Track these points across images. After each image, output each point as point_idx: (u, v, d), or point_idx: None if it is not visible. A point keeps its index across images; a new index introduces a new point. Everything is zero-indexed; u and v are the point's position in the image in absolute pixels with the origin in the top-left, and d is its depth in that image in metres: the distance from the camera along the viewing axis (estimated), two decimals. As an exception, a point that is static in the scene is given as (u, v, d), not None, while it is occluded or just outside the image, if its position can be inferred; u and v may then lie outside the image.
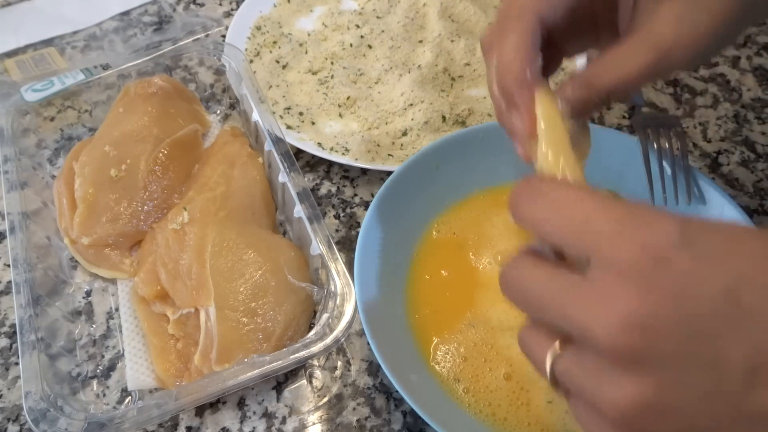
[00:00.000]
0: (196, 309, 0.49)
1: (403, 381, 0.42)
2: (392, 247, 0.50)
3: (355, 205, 0.60)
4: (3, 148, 0.57)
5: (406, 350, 0.46)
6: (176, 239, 0.51)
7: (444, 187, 0.53)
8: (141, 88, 0.62)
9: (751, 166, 0.62)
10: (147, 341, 0.51)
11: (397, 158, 0.61)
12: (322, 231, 0.50)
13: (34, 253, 0.52)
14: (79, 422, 0.42)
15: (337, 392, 0.49)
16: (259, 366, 0.44)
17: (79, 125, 0.66)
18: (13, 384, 0.50)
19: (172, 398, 0.43)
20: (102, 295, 0.54)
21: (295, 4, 0.76)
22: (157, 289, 0.51)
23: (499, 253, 0.51)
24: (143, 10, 0.78)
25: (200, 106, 0.65)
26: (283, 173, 0.54)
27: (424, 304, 0.49)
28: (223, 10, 0.78)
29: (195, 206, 0.53)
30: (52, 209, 0.57)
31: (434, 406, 0.42)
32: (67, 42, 0.75)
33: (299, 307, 0.49)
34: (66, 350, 0.50)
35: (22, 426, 0.48)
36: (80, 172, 0.56)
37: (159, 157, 0.57)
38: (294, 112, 0.66)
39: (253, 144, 0.61)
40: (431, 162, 0.52)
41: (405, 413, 0.48)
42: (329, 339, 0.45)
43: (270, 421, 0.48)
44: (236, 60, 0.62)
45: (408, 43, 0.71)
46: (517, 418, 0.44)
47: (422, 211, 0.52)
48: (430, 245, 0.52)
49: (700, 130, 0.65)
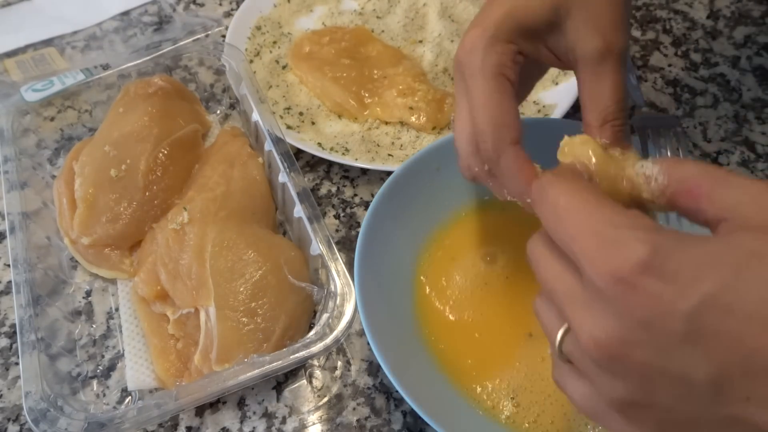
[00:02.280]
0: (196, 309, 0.49)
1: (403, 381, 0.42)
2: (392, 247, 0.50)
3: (355, 205, 0.60)
4: (3, 148, 0.57)
5: (407, 350, 0.46)
6: (176, 239, 0.51)
7: (444, 187, 0.53)
8: (141, 88, 0.62)
9: (751, 166, 0.62)
10: (147, 341, 0.51)
11: (397, 158, 0.61)
12: (322, 231, 0.50)
13: (34, 253, 0.52)
14: (79, 422, 0.42)
15: (337, 392, 0.49)
16: (259, 366, 0.44)
17: (79, 125, 0.66)
18: (13, 384, 0.50)
19: (172, 398, 0.43)
20: (102, 295, 0.54)
21: (295, 4, 0.76)
22: (157, 289, 0.51)
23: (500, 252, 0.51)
24: (143, 10, 0.78)
25: (200, 106, 0.65)
26: (283, 173, 0.54)
27: (425, 303, 0.49)
28: (223, 10, 0.78)
29: (195, 206, 0.53)
30: (52, 209, 0.57)
31: (434, 406, 0.42)
32: (67, 42, 0.75)
33: (299, 307, 0.49)
34: (66, 350, 0.50)
35: (22, 426, 0.48)
36: (80, 172, 0.56)
37: (159, 157, 0.57)
38: (294, 112, 0.66)
39: (253, 144, 0.61)
40: (431, 162, 0.52)
41: (405, 413, 0.48)
42: (329, 339, 0.45)
43: (270, 421, 0.48)
44: (236, 60, 0.62)
45: (408, 43, 0.71)
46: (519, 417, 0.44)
47: (422, 211, 0.52)
48: (430, 245, 0.52)
49: (700, 130, 0.65)
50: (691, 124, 0.66)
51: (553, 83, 0.66)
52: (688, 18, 0.75)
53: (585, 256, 0.29)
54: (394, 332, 0.46)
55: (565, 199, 0.31)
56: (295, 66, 0.69)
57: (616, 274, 0.27)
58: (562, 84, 0.66)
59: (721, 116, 0.66)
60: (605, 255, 0.28)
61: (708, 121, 0.66)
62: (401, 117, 0.64)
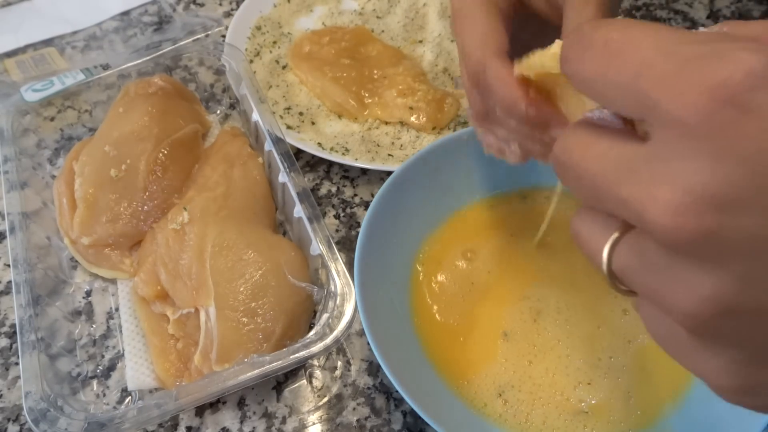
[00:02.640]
0: (196, 309, 0.49)
1: (403, 381, 0.42)
2: (392, 247, 0.50)
3: (355, 205, 0.60)
4: (3, 148, 0.57)
5: (407, 350, 0.46)
6: (176, 239, 0.51)
7: (444, 187, 0.53)
8: (141, 88, 0.62)
9: (751, 166, 0.62)
10: (147, 341, 0.51)
11: (397, 158, 0.61)
12: (322, 231, 0.50)
13: (34, 253, 0.52)
14: (79, 422, 0.42)
15: (337, 392, 0.49)
16: (259, 366, 0.44)
17: (79, 125, 0.65)
18: (13, 384, 0.50)
19: (172, 398, 0.43)
20: (102, 295, 0.54)
21: (295, 4, 0.76)
22: (157, 289, 0.51)
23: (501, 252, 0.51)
24: (143, 10, 0.78)
25: (200, 106, 0.65)
26: (283, 173, 0.54)
27: (425, 303, 0.49)
28: (223, 10, 0.78)
29: (195, 206, 0.53)
30: (52, 209, 0.57)
31: (434, 405, 0.42)
32: (67, 42, 0.75)
33: (299, 307, 0.49)
34: (66, 350, 0.50)
35: (22, 426, 0.48)
36: (80, 172, 0.56)
37: (159, 157, 0.57)
38: (294, 112, 0.66)
39: (253, 144, 0.61)
40: (432, 162, 0.52)
41: (405, 413, 0.48)
42: (329, 339, 0.45)
43: (270, 421, 0.48)
44: (236, 60, 0.62)
45: (408, 43, 0.71)
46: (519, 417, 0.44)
47: (422, 211, 0.52)
48: (430, 245, 0.52)
49: (700, 130, 0.65)
50: (691, 124, 0.66)
51: (553, 83, 0.66)
52: (689, 18, 0.75)
53: (663, 82, 0.20)
54: (394, 332, 0.46)
55: (619, 33, 0.22)
56: (295, 66, 0.69)
57: (717, 90, 0.18)
58: (562, 84, 0.66)
59: (721, 116, 0.66)
60: (698, 71, 0.19)
61: (708, 121, 0.66)
62: (401, 117, 0.64)
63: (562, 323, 0.47)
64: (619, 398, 0.44)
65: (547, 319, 0.48)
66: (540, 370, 0.46)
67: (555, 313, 0.48)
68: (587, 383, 0.45)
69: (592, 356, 0.46)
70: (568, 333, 0.47)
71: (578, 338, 0.47)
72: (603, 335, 0.47)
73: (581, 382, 0.45)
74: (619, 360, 0.46)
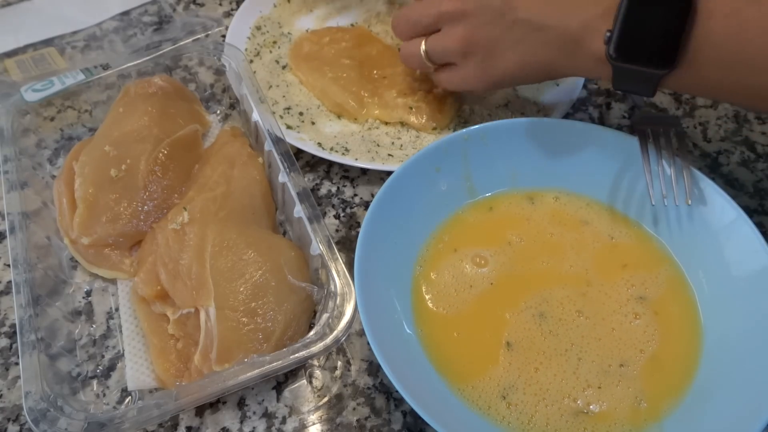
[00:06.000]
0: (196, 309, 0.49)
1: (403, 381, 0.42)
2: (392, 247, 0.50)
3: (355, 205, 0.60)
4: (3, 148, 0.57)
5: (407, 350, 0.46)
6: (176, 239, 0.51)
7: (445, 187, 0.53)
8: (141, 88, 0.62)
9: (751, 166, 0.62)
10: (147, 341, 0.51)
11: (397, 158, 0.61)
12: (322, 231, 0.50)
13: (34, 253, 0.52)
14: (79, 422, 0.42)
15: (337, 392, 0.49)
16: (259, 366, 0.44)
17: (79, 125, 0.66)
18: (13, 384, 0.50)
19: (172, 398, 0.43)
20: (102, 295, 0.54)
21: (295, 4, 0.76)
22: (157, 289, 0.51)
23: (502, 252, 0.51)
24: (143, 10, 0.78)
25: (200, 106, 0.65)
26: (283, 173, 0.54)
27: (425, 303, 0.49)
28: (223, 10, 0.78)
29: (195, 206, 0.53)
30: (52, 209, 0.57)
31: (435, 405, 0.42)
32: (67, 42, 0.75)
33: (299, 307, 0.49)
34: (66, 350, 0.50)
35: (22, 426, 0.48)
36: (80, 172, 0.56)
37: (159, 157, 0.57)
38: (294, 112, 0.66)
39: (253, 144, 0.61)
40: (431, 162, 0.52)
41: (405, 413, 0.48)
42: (329, 339, 0.45)
43: (270, 421, 0.48)
44: (236, 60, 0.62)
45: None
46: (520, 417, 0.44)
47: (422, 211, 0.52)
48: (430, 245, 0.52)
49: (700, 130, 0.65)
50: (691, 124, 0.66)
51: (554, 84, 0.66)
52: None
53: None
54: (394, 332, 0.46)
55: (404, 10, 0.59)
56: (295, 66, 0.69)
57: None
58: (562, 85, 0.66)
59: (721, 116, 0.66)
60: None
61: (708, 121, 0.66)
62: (401, 117, 0.64)
63: (572, 327, 0.47)
64: (628, 404, 0.44)
65: (551, 323, 0.47)
66: (548, 376, 0.45)
67: (559, 316, 0.48)
68: (597, 387, 0.45)
69: (603, 363, 0.46)
70: (581, 336, 0.47)
71: (590, 342, 0.47)
72: (618, 338, 0.47)
73: (591, 385, 0.45)
74: (629, 368, 0.46)
